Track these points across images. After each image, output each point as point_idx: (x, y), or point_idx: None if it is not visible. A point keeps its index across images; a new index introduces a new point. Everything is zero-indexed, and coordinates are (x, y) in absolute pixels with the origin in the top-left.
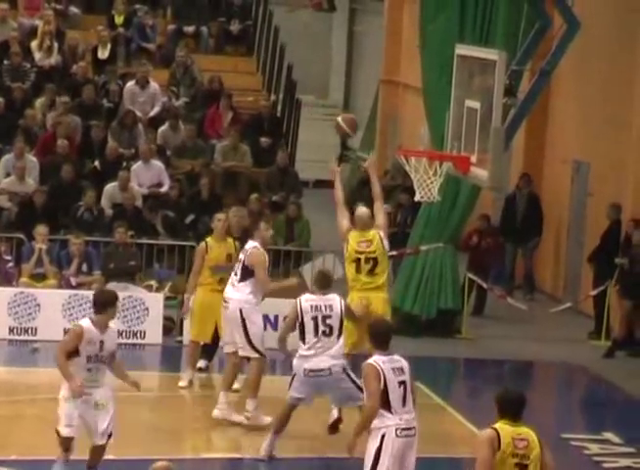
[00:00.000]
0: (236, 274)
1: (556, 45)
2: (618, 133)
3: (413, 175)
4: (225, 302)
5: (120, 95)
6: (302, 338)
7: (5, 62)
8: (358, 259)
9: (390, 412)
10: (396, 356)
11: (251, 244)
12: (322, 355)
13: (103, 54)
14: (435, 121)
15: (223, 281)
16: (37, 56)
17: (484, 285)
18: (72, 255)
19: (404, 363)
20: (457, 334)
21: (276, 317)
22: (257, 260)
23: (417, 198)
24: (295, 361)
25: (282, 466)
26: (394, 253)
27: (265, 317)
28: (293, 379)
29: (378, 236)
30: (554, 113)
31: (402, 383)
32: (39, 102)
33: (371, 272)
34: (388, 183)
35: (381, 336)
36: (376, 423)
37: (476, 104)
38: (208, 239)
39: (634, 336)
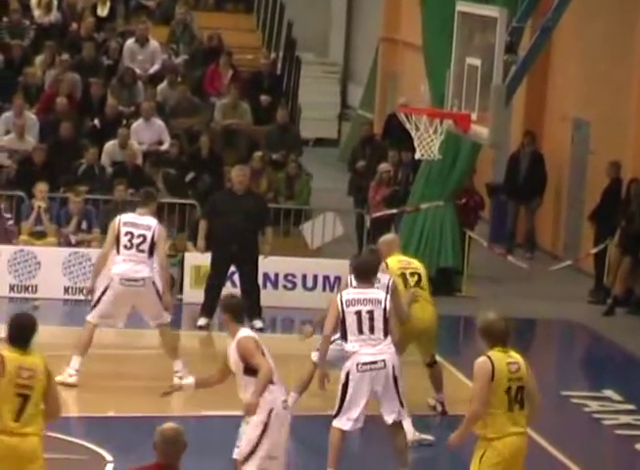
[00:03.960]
0: (142, 251)
1: (557, 1)
2: (619, 91)
3: (414, 133)
4: (136, 281)
5: (120, 53)
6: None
7: (4, 19)
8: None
9: None
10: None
11: (149, 220)
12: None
13: (102, 11)
14: (436, 79)
15: None
16: (36, 13)
17: (485, 243)
18: (72, 212)
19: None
20: (457, 292)
21: (276, 275)
22: (163, 236)
23: (417, 156)
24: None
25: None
26: (395, 211)
27: (265, 275)
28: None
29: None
30: (555, 70)
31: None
32: (39, 59)
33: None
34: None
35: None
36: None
37: (476, 61)
38: None
39: (634, 293)
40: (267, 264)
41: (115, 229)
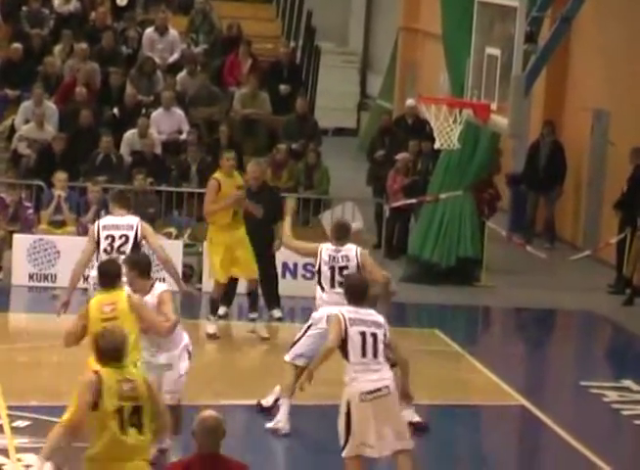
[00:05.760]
0: (123, 253)
1: None
2: None
3: (433, 123)
4: None
5: (139, 42)
6: (320, 287)
7: (24, 8)
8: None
9: None
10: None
11: (131, 219)
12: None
13: (122, 0)
14: (455, 69)
15: (237, 214)
16: (56, 2)
17: (503, 233)
18: (91, 202)
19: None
20: (476, 282)
21: (295, 265)
22: (150, 230)
23: (437, 145)
24: (315, 313)
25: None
26: (414, 200)
27: (284, 265)
28: (305, 333)
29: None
30: (574, 60)
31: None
32: (58, 49)
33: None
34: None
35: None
36: None
37: (496, 51)
38: (217, 175)
39: None
40: (286, 254)
41: (95, 235)
